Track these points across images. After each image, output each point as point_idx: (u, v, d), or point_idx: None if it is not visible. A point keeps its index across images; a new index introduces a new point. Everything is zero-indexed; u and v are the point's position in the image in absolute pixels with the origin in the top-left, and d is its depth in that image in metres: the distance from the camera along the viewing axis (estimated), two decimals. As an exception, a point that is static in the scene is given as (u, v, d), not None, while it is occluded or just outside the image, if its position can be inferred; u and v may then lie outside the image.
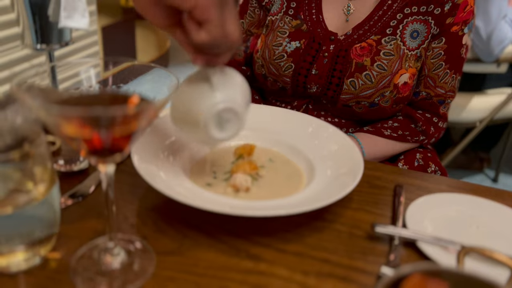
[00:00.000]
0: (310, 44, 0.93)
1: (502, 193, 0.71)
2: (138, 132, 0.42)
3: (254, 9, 1.02)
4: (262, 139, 0.74)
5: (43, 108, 0.40)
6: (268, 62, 0.95)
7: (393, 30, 0.90)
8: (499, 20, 1.80)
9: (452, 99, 0.97)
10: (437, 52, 0.92)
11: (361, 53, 0.90)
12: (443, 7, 0.88)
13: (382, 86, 0.89)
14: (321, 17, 0.95)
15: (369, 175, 0.72)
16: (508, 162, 2.53)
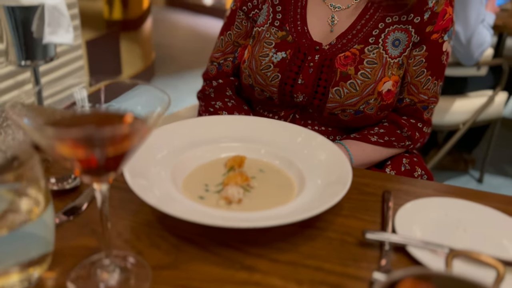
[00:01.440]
0: (296, 54, 0.95)
1: (486, 195, 0.73)
2: (132, 151, 0.43)
3: (242, 20, 1.03)
4: (252, 150, 0.75)
5: (37, 130, 0.40)
6: (255, 72, 0.97)
7: (375, 39, 0.92)
8: (477, 25, 1.84)
9: (435, 104, 0.99)
10: (419, 60, 0.94)
11: (345, 62, 0.92)
12: (423, 16, 0.91)
13: (367, 94, 0.91)
14: (306, 28, 0.97)
15: (357, 182, 0.73)
16: (492, 163, 2.58)
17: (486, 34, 1.89)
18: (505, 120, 3.19)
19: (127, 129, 0.40)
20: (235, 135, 0.77)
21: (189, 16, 6.07)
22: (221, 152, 0.75)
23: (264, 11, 1.00)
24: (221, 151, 0.75)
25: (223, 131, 0.78)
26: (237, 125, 0.80)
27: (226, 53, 1.06)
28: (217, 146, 0.76)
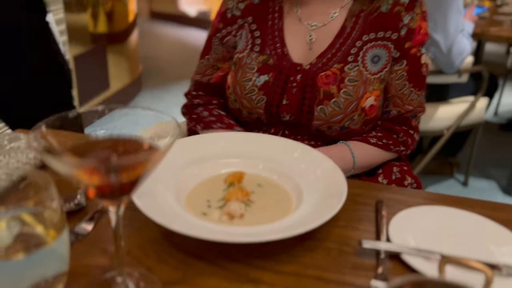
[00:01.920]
0: (278, 76, 0.97)
1: (473, 202, 0.77)
2: (145, 176, 0.46)
3: (218, 46, 1.07)
4: (251, 166, 0.78)
5: (56, 158, 0.43)
6: (240, 96, 0.99)
7: (354, 57, 0.95)
8: (457, 34, 1.91)
9: (422, 113, 1.03)
10: (400, 74, 0.98)
11: (327, 81, 0.95)
12: (399, 32, 0.95)
13: (350, 111, 0.94)
14: (286, 49, 1.00)
15: (351, 193, 0.76)
16: (476, 166, 2.65)
17: (465, 43, 1.96)
18: (487, 124, 3.28)
19: (143, 158, 0.42)
20: (233, 151, 0.81)
21: (174, 28, 6.10)
22: (220, 168, 0.78)
23: (243, 37, 1.03)
24: (220, 167, 0.78)
25: (222, 148, 0.81)
26: (235, 141, 0.83)
27: (205, 75, 1.10)
28: (216, 162, 0.79)
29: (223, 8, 1.06)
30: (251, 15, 1.03)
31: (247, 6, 1.03)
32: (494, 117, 3.48)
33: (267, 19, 1.02)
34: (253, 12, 1.03)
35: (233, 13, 1.04)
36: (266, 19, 1.02)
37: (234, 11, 1.04)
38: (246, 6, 1.03)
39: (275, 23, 1.01)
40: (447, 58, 1.92)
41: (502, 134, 3.18)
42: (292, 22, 1.01)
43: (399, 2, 0.94)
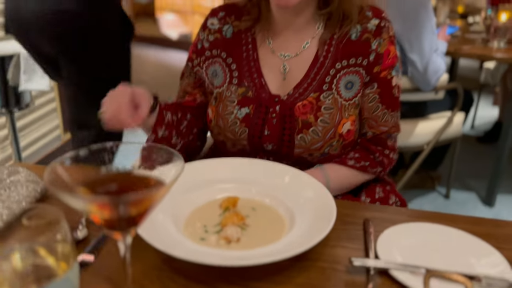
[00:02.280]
0: (258, 108, 1.00)
1: (453, 217, 0.82)
2: (152, 208, 0.49)
3: (190, 73, 1.11)
4: (244, 190, 0.82)
5: (70, 194, 0.46)
6: (224, 129, 1.01)
7: (329, 86, 0.98)
8: (431, 54, 2.00)
9: (397, 132, 1.06)
10: (372, 97, 1.00)
11: (304, 110, 0.97)
12: (369, 58, 0.98)
13: (329, 137, 0.97)
14: (263, 80, 1.02)
15: (340, 213, 0.81)
16: (456, 178, 2.73)
17: (440, 62, 2.05)
18: (465, 137, 3.39)
19: (151, 193, 0.46)
20: (227, 177, 0.84)
21: (157, 51, 6.16)
22: (215, 194, 0.82)
23: (220, 73, 1.05)
24: (215, 193, 0.82)
25: (216, 174, 0.85)
26: (228, 167, 0.87)
27: (178, 97, 1.14)
28: (211, 188, 0.82)
29: (196, 39, 1.10)
30: (224, 50, 1.05)
31: (217, 40, 1.06)
32: (471, 130, 3.60)
33: (242, 51, 1.04)
34: (226, 47, 1.05)
35: (203, 44, 1.07)
36: (241, 51, 1.04)
37: (204, 43, 1.07)
38: (216, 39, 1.06)
39: (250, 54, 1.04)
40: (424, 76, 2.01)
41: (479, 146, 3.29)
42: (266, 53, 1.04)
43: (367, 29, 0.98)
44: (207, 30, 1.07)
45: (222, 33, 1.06)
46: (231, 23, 1.06)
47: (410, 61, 1.99)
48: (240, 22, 1.05)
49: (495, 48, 2.37)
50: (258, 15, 1.03)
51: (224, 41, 1.05)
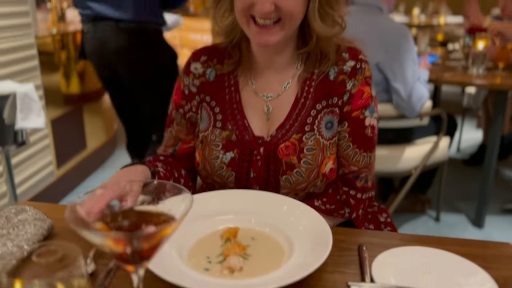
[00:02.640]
0: (242, 152, 1.01)
1: (443, 240, 0.87)
2: (164, 242, 0.53)
3: (180, 119, 1.10)
4: (244, 221, 0.86)
5: (88, 230, 0.50)
6: (211, 174, 1.03)
7: (311, 127, 1.00)
8: (414, 82, 2.09)
9: (367, 173, 1.05)
10: (343, 135, 1.02)
11: (287, 152, 0.99)
12: (343, 98, 1.00)
13: (313, 178, 0.99)
14: (246, 122, 1.03)
15: (336, 240, 0.85)
16: (446, 201, 2.79)
17: (423, 90, 2.14)
18: (452, 160, 3.47)
19: (162, 228, 0.50)
20: (227, 208, 0.88)
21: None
22: (216, 225, 0.85)
23: (205, 116, 1.06)
24: (216, 224, 0.86)
25: (216, 206, 0.89)
26: (228, 199, 0.91)
27: (167, 146, 1.12)
28: (212, 220, 0.86)
29: (181, 85, 1.09)
30: (208, 93, 1.06)
31: (202, 83, 1.06)
32: (458, 153, 3.69)
33: (225, 94, 1.05)
34: (210, 90, 1.06)
35: (190, 89, 1.07)
36: (224, 93, 1.05)
37: (191, 88, 1.07)
38: (201, 83, 1.07)
39: (233, 96, 1.05)
40: (408, 104, 2.09)
41: (466, 169, 3.37)
42: (248, 94, 1.05)
43: (343, 71, 1.00)
44: (191, 75, 1.08)
45: (206, 76, 1.07)
46: (213, 66, 1.07)
47: (394, 90, 2.07)
48: (223, 66, 1.06)
49: (474, 75, 2.48)
50: (240, 57, 1.05)
51: (208, 85, 1.06)
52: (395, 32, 2.06)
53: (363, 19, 2.06)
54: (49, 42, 2.75)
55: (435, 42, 4.55)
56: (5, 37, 2.31)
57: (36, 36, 2.58)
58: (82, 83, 3.25)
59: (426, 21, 6.14)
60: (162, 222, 0.55)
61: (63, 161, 2.93)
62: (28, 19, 2.49)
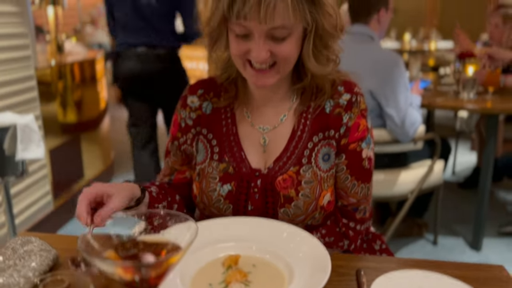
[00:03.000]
0: (240, 184, 1.02)
1: (438, 263, 0.89)
2: (170, 270, 0.55)
3: (176, 151, 1.11)
4: (245, 248, 0.88)
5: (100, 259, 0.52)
6: (208, 206, 1.04)
7: (308, 159, 1.01)
8: (407, 107, 2.14)
9: (366, 205, 1.06)
10: (341, 167, 1.03)
11: (284, 185, 1.00)
12: (339, 131, 1.01)
13: (311, 211, 0.99)
14: (243, 154, 1.04)
15: (334, 265, 0.87)
16: (443, 224, 2.81)
17: (416, 115, 2.19)
18: (447, 183, 3.50)
19: (169, 257, 0.53)
20: (228, 236, 0.91)
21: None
22: (218, 253, 0.87)
23: (201, 149, 1.07)
24: (217, 251, 0.88)
25: (217, 234, 0.91)
26: (229, 226, 0.93)
27: (164, 175, 1.15)
28: (214, 247, 0.88)
29: (178, 118, 1.10)
30: (205, 126, 1.07)
31: (199, 116, 1.08)
32: (453, 176, 3.73)
33: (221, 126, 1.07)
34: (207, 123, 1.07)
35: (186, 122, 1.09)
36: (220, 126, 1.07)
37: (187, 121, 1.08)
38: (198, 116, 1.08)
39: (230, 128, 1.06)
40: (402, 129, 2.13)
41: (462, 192, 3.40)
42: (245, 126, 1.06)
43: (339, 104, 1.02)
44: (188, 108, 1.09)
45: (202, 109, 1.08)
46: (209, 99, 1.08)
47: (388, 115, 2.12)
48: (219, 100, 1.07)
49: (465, 99, 2.54)
50: (236, 92, 1.07)
51: (204, 118, 1.08)
52: (387, 60, 2.13)
53: (355, 48, 2.13)
54: (47, 73, 2.80)
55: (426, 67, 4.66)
56: (5, 69, 2.36)
57: (36, 68, 2.63)
58: (79, 112, 3.29)
59: (417, 46, 6.28)
60: (168, 251, 0.57)
61: (61, 191, 2.94)
62: (28, 51, 2.55)
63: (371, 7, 2.24)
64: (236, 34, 0.91)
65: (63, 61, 3.16)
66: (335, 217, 1.06)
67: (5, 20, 2.37)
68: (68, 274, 0.63)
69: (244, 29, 0.89)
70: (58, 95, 2.95)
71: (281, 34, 0.89)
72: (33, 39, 2.64)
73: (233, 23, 0.90)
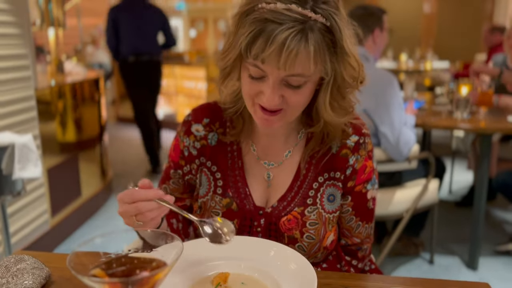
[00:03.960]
0: (243, 222, 1.01)
1: (425, 281, 0.91)
2: (157, 287, 0.57)
3: (178, 179, 1.08)
4: (234, 266, 0.89)
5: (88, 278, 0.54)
6: None
7: (313, 200, 0.99)
8: (401, 127, 2.17)
9: (369, 244, 1.07)
10: (346, 209, 1.03)
11: (289, 226, 0.98)
12: (345, 172, 1.00)
13: (314, 252, 0.99)
14: (248, 190, 1.02)
15: (321, 283, 0.88)
16: (439, 243, 2.81)
17: (410, 134, 2.22)
18: (443, 202, 3.51)
19: (155, 273, 0.55)
20: (217, 255, 0.92)
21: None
22: (207, 271, 0.89)
23: (204, 182, 1.04)
24: (207, 270, 0.89)
25: (206, 252, 0.92)
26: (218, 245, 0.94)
27: None
28: (203, 266, 0.90)
29: (181, 145, 1.06)
30: (209, 158, 1.04)
31: (204, 147, 1.04)
32: (450, 195, 3.74)
33: (227, 159, 1.04)
34: (211, 155, 1.04)
35: (189, 151, 1.05)
36: (226, 158, 1.04)
37: (191, 150, 1.05)
38: (203, 147, 1.04)
39: (235, 161, 1.04)
40: (396, 148, 2.16)
41: (458, 210, 3.41)
42: (250, 160, 1.04)
43: (346, 145, 1.00)
44: (192, 136, 1.05)
45: (207, 140, 1.05)
46: (215, 130, 1.05)
47: (382, 134, 2.15)
48: (225, 135, 1.04)
49: (459, 119, 2.57)
50: (243, 124, 1.03)
51: (209, 149, 1.04)
52: (381, 80, 2.16)
53: (349, 68, 2.17)
54: (47, 93, 2.84)
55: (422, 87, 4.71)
56: (6, 90, 2.39)
57: (36, 89, 2.67)
58: (78, 131, 3.32)
59: (413, 66, 6.36)
60: (154, 268, 0.59)
61: (58, 209, 2.95)
62: (28, 72, 2.59)
63: (366, 27, 2.29)
64: (250, 74, 0.87)
65: (63, 81, 3.20)
66: (337, 254, 1.06)
67: (7, 42, 2.42)
68: None
69: (260, 72, 0.85)
70: (57, 114, 2.98)
71: (297, 82, 0.85)
72: (34, 60, 2.68)
73: (249, 63, 0.85)
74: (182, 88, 6.15)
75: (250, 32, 0.81)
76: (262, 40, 0.80)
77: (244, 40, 0.83)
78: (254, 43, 0.82)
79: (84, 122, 3.38)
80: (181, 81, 6.17)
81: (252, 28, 0.81)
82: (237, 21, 0.86)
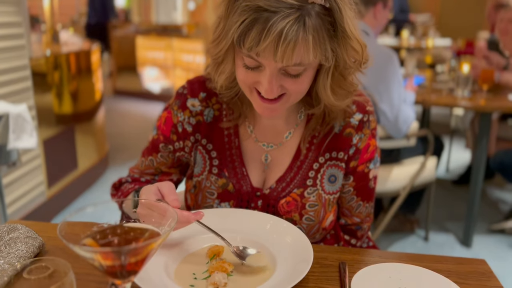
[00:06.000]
0: (239, 204, 0.97)
1: (419, 256, 0.91)
2: (149, 257, 0.56)
3: (168, 153, 1.03)
4: (229, 238, 0.88)
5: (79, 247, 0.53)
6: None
7: (313, 181, 0.96)
8: (400, 104, 2.15)
9: (369, 223, 1.06)
10: (348, 189, 1.01)
11: (288, 209, 0.95)
12: (349, 152, 0.97)
13: (313, 233, 0.98)
14: (245, 170, 0.98)
15: (318, 257, 0.88)
16: (434, 221, 2.83)
17: (409, 111, 2.20)
18: (441, 180, 3.52)
19: (147, 243, 0.53)
20: (213, 226, 0.91)
21: (138, 103, 6.28)
22: (202, 243, 0.88)
23: (199, 160, 1.00)
24: (202, 242, 0.88)
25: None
26: (214, 217, 0.94)
27: (144, 173, 1.05)
28: (198, 238, 0.89)
29: (174, 120, 1.00)
30: (205, 136, 0.99)
31: (199, 123, 0.99)
32: (447, 173, 3.74)
33: (223, 137, 0.99)
34: (206, 132, 0.99)
35: (184, 127, 0.99)
36: (222, 137, 0.99)
37: (185, 126, 0.99)
38: (198, 123, 0.99)
39: (232, 141, 0.99)
40: (395, 125, 2.14)
41: (455, 189, 3.42)
42: (248, 141, 0.99)
43: (350, 124, 0.96)
44: (187, 111, 0.99)
45: (203, 116, 0.99)
46: (211, 106, 0.99)
47: (381, 111, 2.13)
48: (223, 122, 0.99)
49: (459, 97, 2.55)
50: (241, 109, 0.98)
51: (205, 126, 0.99)
52: (381, 56, 2.13)
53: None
54: (42, 63, 2.79)
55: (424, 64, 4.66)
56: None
57: (30, 58, 2.62)
58: (75, 103, 3.28)
59: (415, 43, 6.28)
60: (148, 238, 0.58)
61: (54, 181, 2.94)
62: (22, 41, 2.54)
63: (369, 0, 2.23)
64: (245, 64, 0.82)
65: (59, 51, 3.15)
66: (335, 233, 1.06)
67: (0, 9, 2.36)
68: (53, 261, 0.64)
69: (255, 63, 0.80)
70: (53, 85, 2.94)
71: (296, 71, 0.80)
72: (28, 29, 2.63)
73: (243, 53, 0.79)
74: (180, 61, 6.07)
75: (242, 22, 0.74)
76: (256, 31, 0.73)
77: (236, 31, 0.76)
78: (248, 35, 0.75)
79: (80, 93, 3.34)
80: (178, 54, 6.08)
81: (244, 17, 0.74)
82: (227, 4, 0.79)
